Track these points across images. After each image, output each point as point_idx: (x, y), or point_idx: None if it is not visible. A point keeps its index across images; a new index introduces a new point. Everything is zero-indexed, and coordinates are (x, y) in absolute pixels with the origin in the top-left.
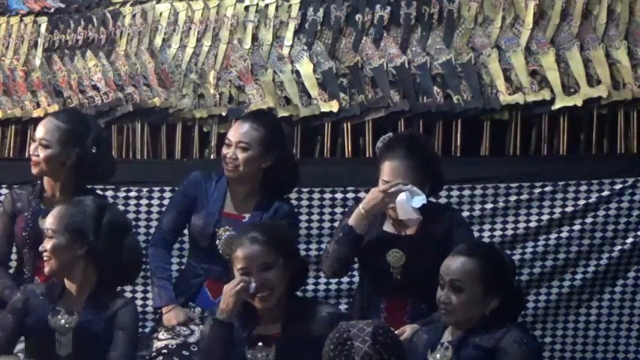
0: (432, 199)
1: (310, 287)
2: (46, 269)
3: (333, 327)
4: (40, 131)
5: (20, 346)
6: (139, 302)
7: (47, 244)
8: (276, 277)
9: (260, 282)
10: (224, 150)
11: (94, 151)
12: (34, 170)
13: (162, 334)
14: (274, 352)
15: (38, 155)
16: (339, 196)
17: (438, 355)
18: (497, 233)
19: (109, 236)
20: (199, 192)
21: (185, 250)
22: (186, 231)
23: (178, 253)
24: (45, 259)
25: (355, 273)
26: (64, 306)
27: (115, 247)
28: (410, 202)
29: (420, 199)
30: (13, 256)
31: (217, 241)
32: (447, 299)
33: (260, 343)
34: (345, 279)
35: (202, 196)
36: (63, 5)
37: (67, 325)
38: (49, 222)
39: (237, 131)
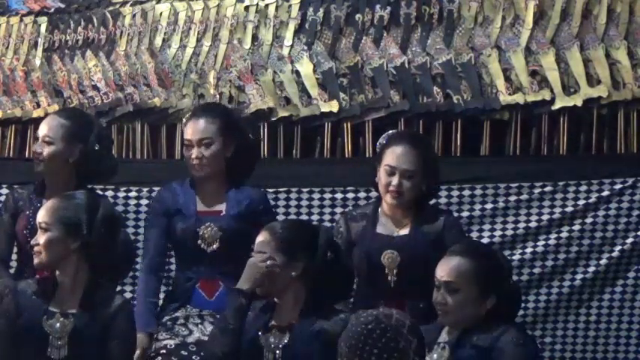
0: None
1: None
2: (36, 261)
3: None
4: (44, 129)
5: None
6: None
7: (40, 238)
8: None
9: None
10: (186, 152)
11: (96, 148)
12: (38, 168)
13: (160, 335)
14: (288, 338)
15: (41, 153)
16: (339, 196)
17: (435, 355)
18: (498, 233)
19: (103, 230)
20: (170, 203)
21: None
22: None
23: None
24: (35, 252)
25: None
26: (57, 305)
27: (108, 241)
28: None
29: None
30: (14, 257)
31: (199, 241)
32: (443, 300)
33: (274, 330)
34: None
35: (174, 205)
36: (63, 5)
37: (62, 329)
38: (41, 215)
39: (195, 129)
